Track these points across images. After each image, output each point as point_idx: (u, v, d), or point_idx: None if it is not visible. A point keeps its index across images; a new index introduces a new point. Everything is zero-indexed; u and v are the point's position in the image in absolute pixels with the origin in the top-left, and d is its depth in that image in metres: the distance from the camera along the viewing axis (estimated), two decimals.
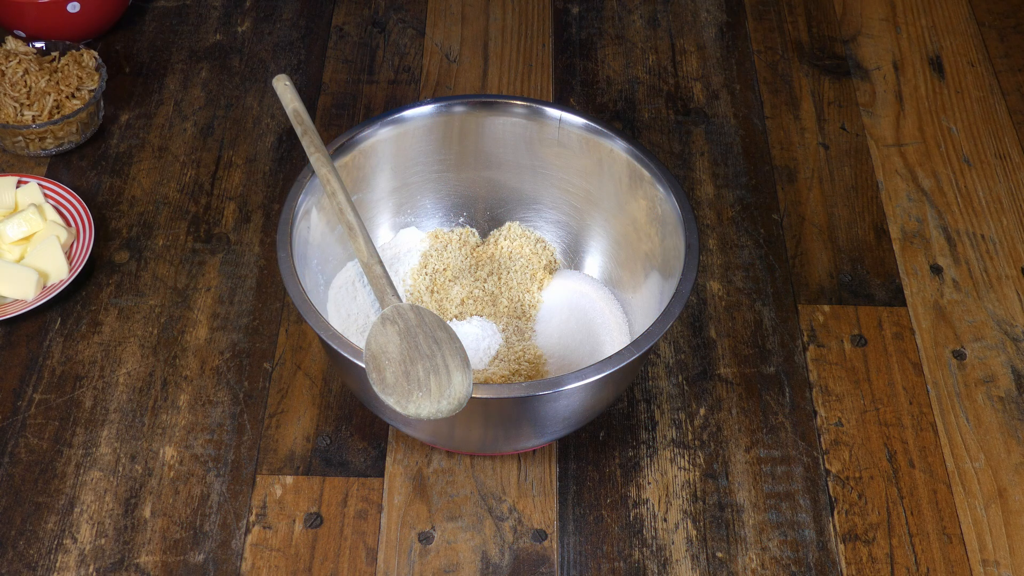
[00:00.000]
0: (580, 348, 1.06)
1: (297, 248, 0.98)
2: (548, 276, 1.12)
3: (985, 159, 1.31)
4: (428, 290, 1.09)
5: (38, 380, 1.08)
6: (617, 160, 1.06)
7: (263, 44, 1.41)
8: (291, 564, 0.98)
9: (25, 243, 1.16)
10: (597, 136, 1.07)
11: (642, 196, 1.05)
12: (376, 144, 1.08)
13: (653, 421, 1.07)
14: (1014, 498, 1.03)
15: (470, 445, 1.01)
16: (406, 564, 0.98)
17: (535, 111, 1.08)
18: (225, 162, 1.28)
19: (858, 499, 1.03)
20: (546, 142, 1.09)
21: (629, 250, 1.09)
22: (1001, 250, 1.22)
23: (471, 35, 1.44)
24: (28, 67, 1.25)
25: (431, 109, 1.09)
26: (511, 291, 1.10)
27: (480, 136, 1.10)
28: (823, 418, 1.08)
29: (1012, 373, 1.12)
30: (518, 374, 1.03)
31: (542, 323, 1.09)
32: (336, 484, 1.02)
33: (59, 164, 1.26)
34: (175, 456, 1.04)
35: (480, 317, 1.07)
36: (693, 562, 0.99)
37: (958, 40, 1.45)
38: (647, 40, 1.44)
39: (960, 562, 0.99)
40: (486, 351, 1.04)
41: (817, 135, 1.33)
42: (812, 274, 1.19)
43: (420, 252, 1.12)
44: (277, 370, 1.10)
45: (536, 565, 0.98)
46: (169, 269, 1.17)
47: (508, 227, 1.14)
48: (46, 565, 0.97)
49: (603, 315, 1.08)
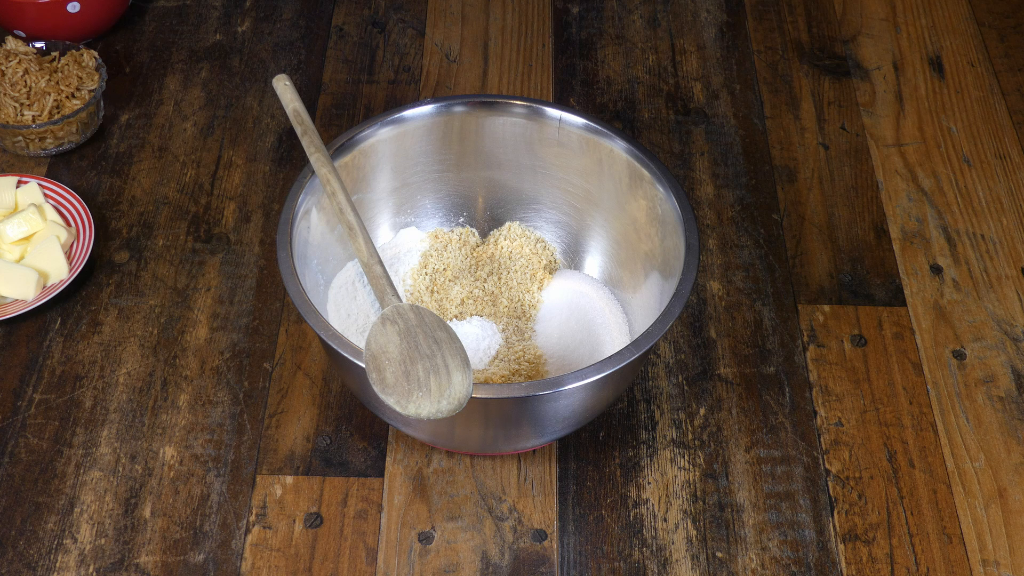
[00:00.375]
0: (580, 348, 1.06)
1: (297, 248, 0.98)
2: (548, 276, 1.12)
3: (985, 159, 1.31)
4: (428, 290, 1.09)
5: (38, 380, 1.08)
6: (617, 160, 1.06)
7: (263, 44, 1.41)
8: (291, 564, 0.98)
9: (25, 243, 1.16)
10: (597, 136, 1.07)
11: (642, 196, 1.05)
12: (376, 144, 1.08)
13: (653, 421, 1.07)
14: (1014, 498, 1.03)
15: (470, 445, 1.01)
16: (406, 564, 0.98)
17: (535, 111, 1.08)
18: (225, 162, 1.28)
19: (858, 499, 1.03)
20: (546, 142, 1.09)
21: (629, 250, 1.09)
22: (1001, 250, 1.22)
23: (471, 35, 1.44)
24: (28, 67, 1.25)
25: (431, 109, 1.09)
26: (511, 291, 1.10)
27: (480, 136, 1.10)
28: (823, 418, 1.08)
29: (1012, 373, 1.12)
30: (518, 374, 1.03)
31: (542, 323, 1.09)
32: (336, 484, 1.02)
33: (59, 164, 1.26)
34: (175, 456, 1.04)
35: (480, 317, 1.07)
36: (693, 562, 0.99)
37: (958, 40, 1.45)
38: (647, 40, 1.44)
39: (960, 562, 0.99)
40: (486, 351, 1.04)
41: (817, 135, 1.33)
42: (812, 274, 1.19)
43: (420, 252, 1.12)
44: (277, 370, 1.10)
45: (536, 565, 0.98)
46: (169, 269, 1.17)
47: (508, 227, 1.14)
48: (46, 565, 0.97)
49: (603, 315, 1.08)
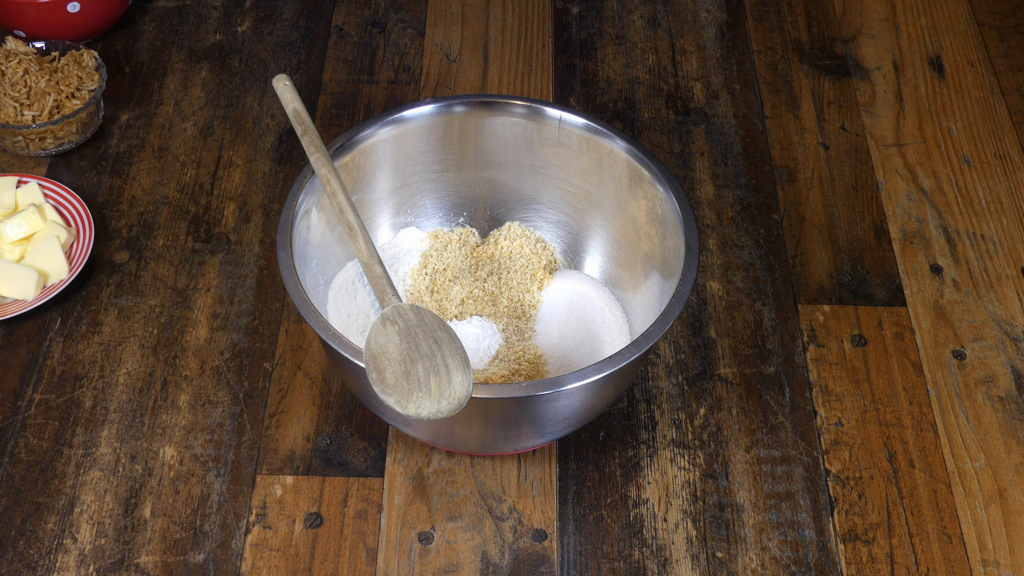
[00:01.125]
0: (580, 348, 1.06)
1: (297, 248, 0.98)
2: (548, 276, 1.12)
3: (985, 159, 1.31)
4: (428, 290, 1.09)
5: (38, 380, 1.08)
6: (617, 160, 1.06)
7: (263, 44, 1.41)
8: (291, 564, 0.98)
9: (25, 243, 1.16)
10: (597, 136, 1.07)
11: (642, 196, 1.05)
12: (376, 144, 1.08)
13: (653, 421, 1.07)
14: (1014, 498, 1.03)
15: (470, 445, 1.01)
16: (406, 564, 0.98)
17: (535, 111, 1.08)
18: (225, 162, 1.28)
19: (858, 499, 1.03)
20: (546, 142, 1.09)
21: (629, 250, 1.09)
22: (1001, 250, 1.22)
23: (471, 35, 1.44)
24: (28, 67, 1.25)
25: (431, 109, 1.09)
26: (511, 291, 1.10)
27: (480, 136, 1.10)
28: (823, 418, 1.08)
29: (1012, 373, 1.12)
30: (518, 374, 1.03)
31: (542, 323, 1.09)
32: (336, 484, 1.02)
33: (59, 164, 1.26)
34: (175, 456, 1.04)
35: (480, 317, 1.07)
36: (693, 562, 0.99)
37: (958, 40, 1.45)
38: (647, 40, 1.44)
39: (960, 562, 0.99)
40: (486, 351, 1.04)
41: (817, 135, 1.33)
42: (812, 274, 1.19)
43: (420, 252, 1.12)
44: (277, 370, 1.10)
45: (536, 565, 0.98)
46: (169, 269, 1.17)
47: (508, 227, 1.14)
48: (46, 565, 0.97)
49: (603, 315, 1.08)
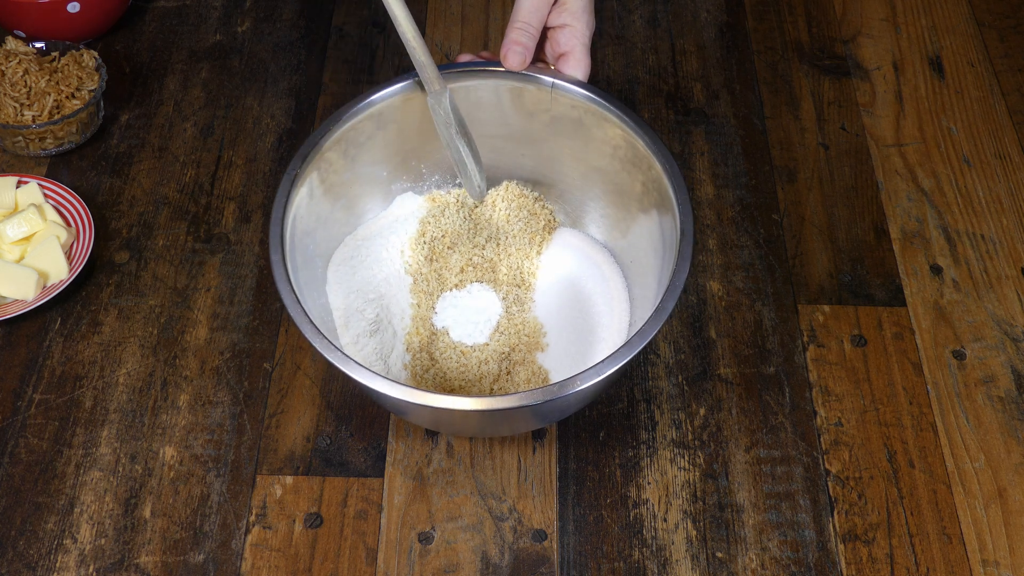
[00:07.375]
0: (578, 319, 1.06)
1: (289, 242, 0.97)
2: (548, 236, 1.11)
3: (985, 159, 1.31)
4: (427, 259, 1.09)
5: (38, 380, 1.08)
6: (610, 133, 1.05)
7: (263, 44, 1.41)
8: (291, 564, 0.98)
9: (25, 243, 1.16)
10: (594, 106, 1.05)
11: (639, 173, 1.04)
12: (383, 109, 1.06)
13: (653, 421, 1.07)
14: (1014, 498, 1.03)
15: (466, 433, 1.03)
16: (406, 564, 0.98)
17: (529, 78, 1.06)
18: (225, 162, 1.28)
19: (858, 499, 1.03)
20: (540, 111, 1.08)
21: (624, 211, 1.08)
22: (1001, 250, 1.22)
23: (471, 35, 1.44)
24: (28, 67, 1.25)
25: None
26: (510, 258, 1.09)
27: (479, 105, 1.09)
28: (823, 418, 1.08)
29: (1012, 373, 1.12)
30: (517, 348, 1.03)
31: (541, 292, 1.09)
32: (336, 484, 1.02)
33: (59, 164, 1.26)
34: (175, 456, 1.04)
35: (480, 284, 1.07)
36: (693, 562, 0.99)
37: (958, 40, 1.45)
38: (647, 40, 1.44)
39: (960, 562, 0.99)
40: (487, 322, 1.05)
41: (817, 135, 1.33)
42: (812, 274, 1.19)
43: (418, 218, 1.11)
44: (277, 370, 1.10)
45: (536, 565, 0.98)
46: (169, 269, 1.17)
47: (506, 186, 1.13)
48: (46, 565, 0.97)
49: (603, 283, 1.08)
